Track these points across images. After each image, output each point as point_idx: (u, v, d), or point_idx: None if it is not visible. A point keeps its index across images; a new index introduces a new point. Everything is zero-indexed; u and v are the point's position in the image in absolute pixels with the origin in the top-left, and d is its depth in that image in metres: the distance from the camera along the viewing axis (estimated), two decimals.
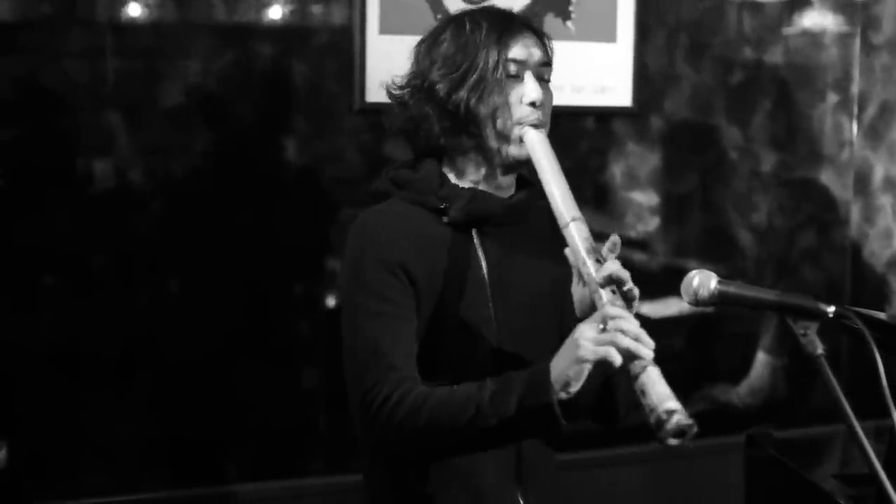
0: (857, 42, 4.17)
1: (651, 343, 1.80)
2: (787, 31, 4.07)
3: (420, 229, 2.09)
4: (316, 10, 3.44)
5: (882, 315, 2.37)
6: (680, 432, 1.73)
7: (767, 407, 4.12)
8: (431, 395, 1.93)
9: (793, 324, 1.81)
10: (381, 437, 1.98)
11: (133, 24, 3.27)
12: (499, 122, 2.08)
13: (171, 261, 3.35)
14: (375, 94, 3.38)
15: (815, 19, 4.11)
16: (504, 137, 2.09)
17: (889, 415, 1.76)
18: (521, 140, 2.09)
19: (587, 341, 1.80)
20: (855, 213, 4.24)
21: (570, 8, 3.66)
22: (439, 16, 3.44)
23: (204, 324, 3.38)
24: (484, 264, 2.12)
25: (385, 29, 3.42)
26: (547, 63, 2.16)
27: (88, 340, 3.26)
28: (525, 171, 2.18)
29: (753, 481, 2.81)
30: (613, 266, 1.87)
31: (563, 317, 2.13)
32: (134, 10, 3.27)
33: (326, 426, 3.50)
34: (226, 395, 3.40)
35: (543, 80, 2.14)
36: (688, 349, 4.01)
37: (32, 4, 3.17)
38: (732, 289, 1.87)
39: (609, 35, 3.73)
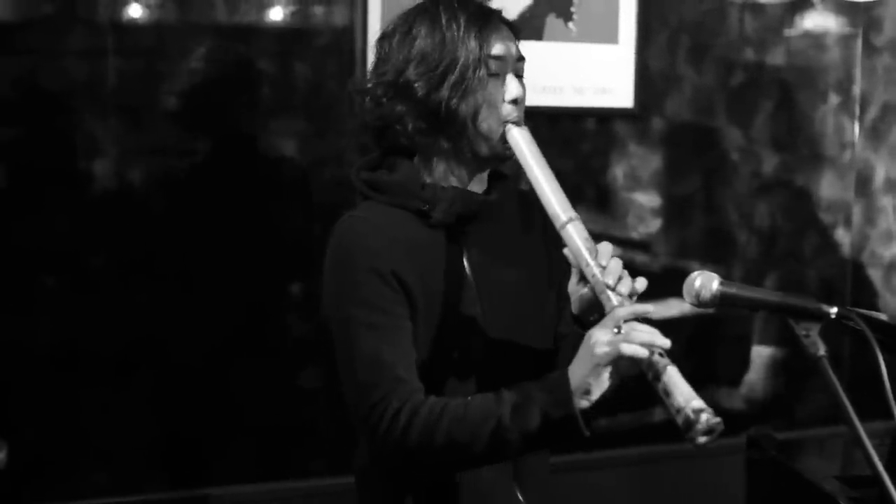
0: (859, 43, 4.17)
1: (667, 340, 1.80)
2: (789, 32, 4.07)
3: (406, 233, 2.03)
4: (317, 11, 3.44)
5: (884, 316, 2.37)
6: (709, 430, 1.73)
7: (768, 403, 4.12)
8: (446, 409, 1.88)
9: (795, 325, 1.80)
10: (393, 453, 1.93)
11: (134, 25, 3.27)
12: (481, 122, 2.03)
13: (171, 261, 3.35)
14: None
15: (817, 21, 4.11)
16: (486, 137, 2.04)
17: (891, 416, 1.75)
18: (503, 138, 2.04)
19: (602, 345, 1.80)
20: (856, 214, 4.24)
21: (572, 9, 3.66)
22: None
23: (203, 324, 3.37)
24: (467, 263, 2.08)
25: None
26: (522, 58, 2.11)
27: (88, 341, 3.26)
28: (503, 167, 2.15)
29: (754, 483, 2.81)
30: (617, 267, 1.88)
31: (545, 306, 2.15)
32: (135, 11, 3.26)
33: (327, 426, 3.50)
34: (225, 396, 3.40)
35: (519, 75, 2.10)
36: (689, 350, 4.01)
37: (33, 4, 3.17)
38: (734, 290, 1.87)
39: (611, 36, 3.73)
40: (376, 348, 1.94)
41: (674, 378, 1.78)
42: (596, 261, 1.89)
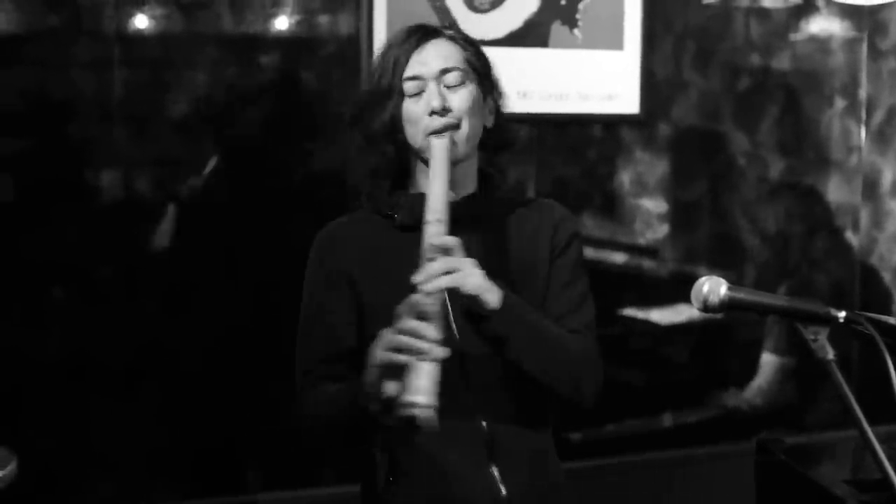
0: (865, 47, 4.17)
1: (431, 339, 1.90)
2: (795, 36, 4.07)
3: (372, 237, 2.25)
4: (323, 20, 3.45)
5: (892, 319, 2.37)
6: (412, 423, 1.84)
7: (776, 409, 4.12)
8: (320, 395, 2.19)
9: (803, 329, 1.80)
10: (298, 417, 2.29)
11: (140, 36, 3.28)
12: (410, 139, 2.19)
13: (179, 271, 3.35)
14: None
15: (823, 25, 4.11)
16: (418, 150, 2.19)
17: None
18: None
19: (378, 347, 1.94)
20: (864, 217, 4.24)
21: (577, 16, 3.66)
22: (447, 24, 3.45)
23: (212, 334, 3.38)
24: None
25: None
26: (447, 70, 2.21)
27: (98, 351, 3.26)
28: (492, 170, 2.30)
29: (764, 488, 2.81)
30: (438, 267, 1.98)
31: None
32: (141, 22, 3.27)
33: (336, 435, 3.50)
34: (235, 405, 3.40)
35: (449, 86, 2.20)
36: (697, 356, 4.01)
37: (40, 16, 3.18)
38: (742, 295, 1.86)
39: (616, 42, 3.74)
40: (310, 332, 2.28)
41: (419, 371, 1.87)
42: (428, 258, 2.01)
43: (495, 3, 3.55)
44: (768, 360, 4.08)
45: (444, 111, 2.17)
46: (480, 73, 2.25)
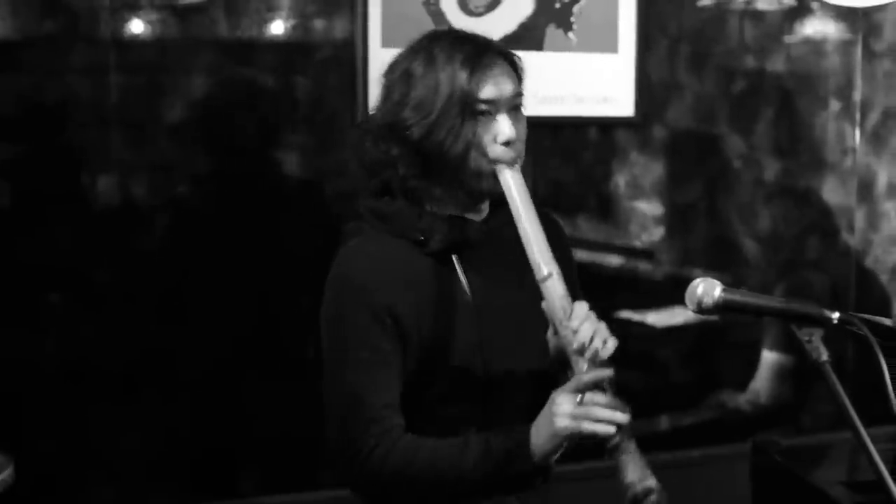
0: (859, 49, 4.17)
1: (626, 416, 1.90)
2: (789, 39, 4.08)
3: (403, 264, 2.10)
4: (318, 24, 3.45)
5: (887, 321, 2.37)
6: None
7: (772, 410, 4.12)
8: (417, 453, 2.01)
9: (797, 330, 1.81)
10: (367, 486, 2.08)
11: (136, 41, 3.28)
12: (470, 163, 2.07)
13: (176, 275, 3.36)
14: None
15: (817, 27, 4.12)
16: (478, 175, 2.08)
17: (895, 420, 1.75)
18: (495, 176, 2.08)
19: (563, 416, 1.90)
20: (859, 219, 4.24)
21: (572, 19, 3.66)
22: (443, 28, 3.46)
23: (210, 338, 3.38)
24: (468, 289, 2.13)
25: (387, 42, 3.42)
26: (519, 93, 2.13)
27: (95, 356, 3.26)
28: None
29: (760, 489, 2.81)
30: (588, 330, 1.96)
31: (546, 327, 2.14)
32: (136, 27, 3.28)
33: None
34: (233, 409, 3.40)
35: (515, 110, 2.13)
36: (693, 357, 4.01)
37: (36, 22, 3.18)
38: (737, 296, 1.87)
39: (611, 45, 3.74)
40: (358, 384, 2.04)
41: (630, 453, 1.88)
42: (569, 322, 1.97)
43: (490, 6, 3.55)
44: (768, 358, 4.07)
45: (515, 142, 2.09)
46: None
